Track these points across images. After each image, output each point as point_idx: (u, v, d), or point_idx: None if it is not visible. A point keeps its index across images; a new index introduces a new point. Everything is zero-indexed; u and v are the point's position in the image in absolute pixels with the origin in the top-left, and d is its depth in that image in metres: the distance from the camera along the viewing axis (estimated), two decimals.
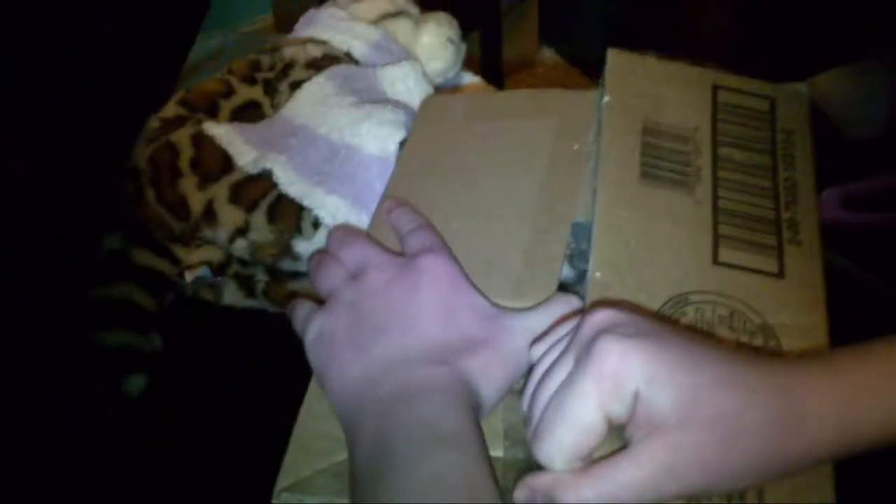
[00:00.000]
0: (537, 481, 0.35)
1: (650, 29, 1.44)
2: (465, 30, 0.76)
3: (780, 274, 0.43)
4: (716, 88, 0.52)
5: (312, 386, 0.44)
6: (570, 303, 0.43)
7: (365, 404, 0.39)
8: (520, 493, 0.36)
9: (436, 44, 0.74)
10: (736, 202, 0.47)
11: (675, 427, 0.32)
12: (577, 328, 0.37)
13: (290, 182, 0.61)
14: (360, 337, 0.42)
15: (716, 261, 0.44)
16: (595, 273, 0.43)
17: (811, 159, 0.49)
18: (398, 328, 0.42)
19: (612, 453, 0.34)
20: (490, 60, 1.64)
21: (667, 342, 0.34)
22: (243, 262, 0.65)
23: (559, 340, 0.39)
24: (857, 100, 0.76)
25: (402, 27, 0.74)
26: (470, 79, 0.76)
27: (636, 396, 0.33)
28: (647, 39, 0.57)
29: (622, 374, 0.33)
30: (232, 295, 0.66)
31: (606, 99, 0.51)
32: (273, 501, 0.40)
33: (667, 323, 0.38)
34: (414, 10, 0.76)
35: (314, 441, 0.42)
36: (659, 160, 0.48)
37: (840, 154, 0.74)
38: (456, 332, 0.42)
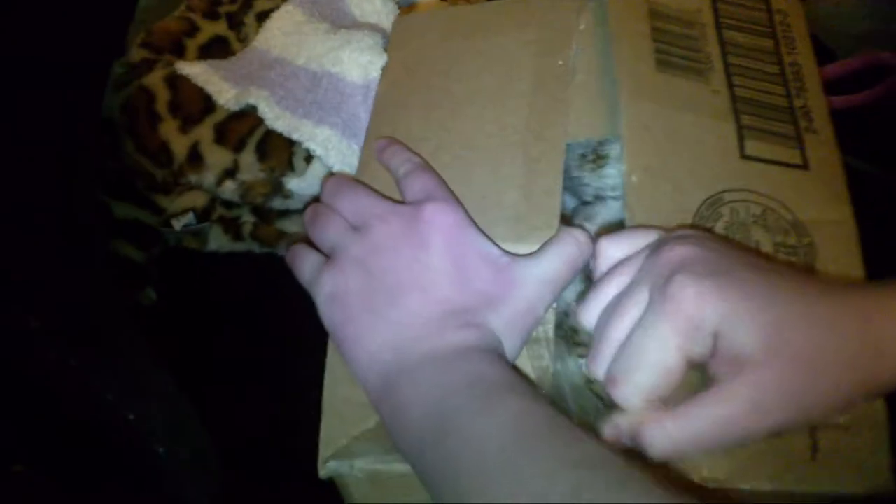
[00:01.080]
0: (623, 420, 0.35)
1: None
2: None
3: (805, 166, 0.44)
4: None
5: (332, 351, 0.43)
6: (578, 239, 0.41)
7: (397, 376, 0.38)
8: (606, 430, 0.36)
9: None
10: (750, 90, 0.46)
11: (762, 364, 0.33)
12: (650, 259, 0.36)
13: (276, 117, 0.59)
14: (375, 299, 0.40)
15: (743, 154, 0.44)
16: (631, 177, 0.43)
17: (809, 42, 0.49)
18: (414, 291, 0.40)
19: (693, 390, 0.34)
20: None
21: (743, 279, 0.34)
22: (228, 205, 0.64)
23: (626, 262, 0.39)
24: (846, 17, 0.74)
25: None
26: None
27: (716, 336, 0.33)
28: None
29: (700, 316, 0.33)
30: (217, 239, 0.65)
31: None
32: (321, 472, 0.39)
33: (739, 252, 0.37)
34: None
35: (344, 407, 0.41)
36: (671, 46, 0.47)
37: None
38: (472, 290, 0.41)
